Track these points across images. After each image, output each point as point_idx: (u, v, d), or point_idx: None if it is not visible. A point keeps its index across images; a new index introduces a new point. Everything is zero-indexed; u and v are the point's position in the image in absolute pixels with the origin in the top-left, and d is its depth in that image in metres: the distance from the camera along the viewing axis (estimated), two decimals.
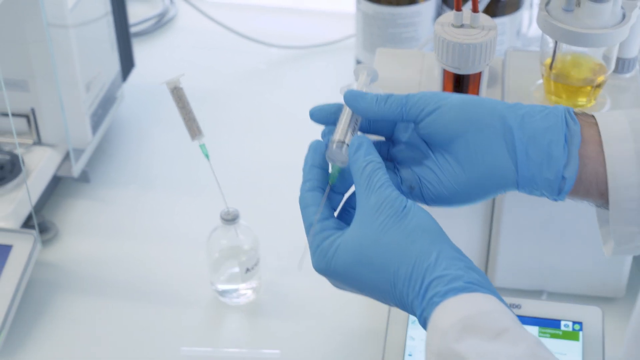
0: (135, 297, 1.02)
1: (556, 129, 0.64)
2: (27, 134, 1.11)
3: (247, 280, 0.99)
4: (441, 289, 0.60)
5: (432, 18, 1.23)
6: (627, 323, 0.96)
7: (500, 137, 0.65)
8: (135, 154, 1.23)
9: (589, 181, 0.65)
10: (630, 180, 0.63)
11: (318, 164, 0.67)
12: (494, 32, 0.87)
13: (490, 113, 0.65)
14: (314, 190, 0.66)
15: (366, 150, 0.65)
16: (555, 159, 0.64)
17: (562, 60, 0.93)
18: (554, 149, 0.64)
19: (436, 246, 0.62)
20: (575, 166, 0.64)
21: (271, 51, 1.40)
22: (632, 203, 0.64)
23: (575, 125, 0.64)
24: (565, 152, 0.64)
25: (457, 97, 0.66)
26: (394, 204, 0.63)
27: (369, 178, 0.64)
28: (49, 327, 0.98)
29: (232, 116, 1.29)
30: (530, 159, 0.64)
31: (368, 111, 0.68)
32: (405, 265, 0.61)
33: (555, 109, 0.65)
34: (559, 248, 0.96)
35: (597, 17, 0.87)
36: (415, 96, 0.67)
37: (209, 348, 0.95)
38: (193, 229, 1.09)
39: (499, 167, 0.65)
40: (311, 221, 0.65)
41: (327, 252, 0.64)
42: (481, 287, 0.60)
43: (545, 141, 0.64)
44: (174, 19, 1.49)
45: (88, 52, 1.11)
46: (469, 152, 0.65)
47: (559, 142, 0.64)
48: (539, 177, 0.65)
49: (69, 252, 1.07)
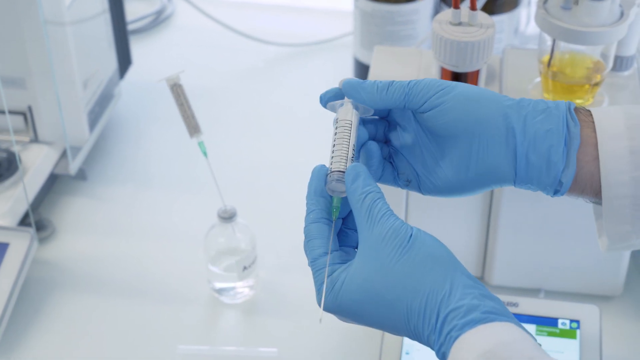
0: (132, 295, 1.02)
1: (557, 132, 0.64)
2: (24, 132, 1.11)
3: (244, 278, 0.99)
4: (458, 322, 0.57)
5: (430, 16, 1.23)
6: (624, 321, 0.97)
7: (502, 139, 0.64)
8: (132, 152, 1.22)
9: (584, 182, 0.64)
10: (622, 177, 0.63)
11: (321, 192, 0.64)
12: (492, 30, 0.87)
13: (494, 113, 0.64)
14: (318, 222, 0.63)
15: (364, 180, 0.63)
16: (554, 164, 0.64)
17: (560, 59, 0.93)
18: (554, 155, 0.63)
19: (448, 275, 0.59)
20: (572, 170, 0.64)
21: (269, 49, 1.40)
22: (624, 200, 0.63)
23: (576, 127, 0.64)
24: (564, 157, 0.64)
25: (461, 91, 0.65)
26: (399, 234, 0.60)
27: (369, 209, 0.61)
28: (46, 324, 0.98)
29: (229, 114, 1.29)
30: (529, 163, 0.64)
31: (368, 100, 0.66)
32: (418, 299, 0.59)
33: (557, 109, 0.65)
34: (557, 246, 0.96)
35: (595, 15, 0.87)
36: (418, 85, 0.66)
37: (206, 346, 0.95)
38: (191, 227, 1.09)
39: (498, 168, 0.65)
40: (315, 255, 0.63)
41: (332, 288, 0.61)
42: (498, 314, 0.58)
43: (546, 146, 0.64)
44: (172, 16, 1.49)
45: (85, 50, 1.11)
46: (470, 151, 0.65)
47: (558, 147, 0.63)
48: (537, 179, 0.65)
49: (66, 250, 1.07)
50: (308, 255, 0.63)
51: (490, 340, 0.56)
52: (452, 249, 0.99)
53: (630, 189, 0.63)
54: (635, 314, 0.98)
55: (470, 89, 0.65)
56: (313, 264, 0.63)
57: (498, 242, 0.97)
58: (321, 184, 0.64)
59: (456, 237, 0.99)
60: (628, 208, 0.64)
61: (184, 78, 0.93)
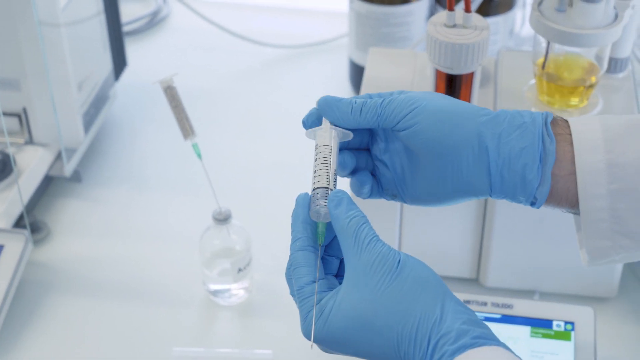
0: (127, 297, 1.01)
1: (531, 150, 0.64)
2: (18, 134, 1.11)
3: (240, 280, 0.99)
4: (449, 348, 0.57)
5: (425, 17, 1.23)
6: (619, 323, 0.97)
7: (476, 157, 0.64)
8: (127, 154, 1.22)
9: (560, 196, 0.65)
10: (599, 191, 0.63)
11: (306, 219, 0.64)
12: (486, 32, 0.87)
13: (467, 132, 0.64)
14: (305, 250, 0.63)
15: (347, 205, 0.62)
16: (529, 181, 0.64)
17: (555, 61, 0.93)
18: (528, 173, 0.64)
19: (439, 300, 0.59)
20: (547, 187, 0.64)
21: (265, 50, 1.40)
22: (601, 213, 0.63)
23: (552, 144, 0.64)
24: (539, 175, 0.64)
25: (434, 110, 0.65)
26: (388, 259, 0.60)
27: (355, 235, 0.61)
28: (41, 327, 0.98)
29: (225, 115, 1.29)
30: (504, 181, 0.64)
31: (342, 121, 0.66)
32: (409, 325, 0.58)
33: (533, 124, 0.64)
34: (551, 248, 0.96)
35: (589, 17, 0.87)
36: (390, 105, 0.66)
37: (201, 348, 0.95)
38: (186, 229, 1.09)
39: (473, 184, 0.65)
40: (301, 283, 0.62)
41: (320, 316, 0.61)
42: (487, 339, 0.58)
43: (520, 164, 0.64)
44: (167, 18, 1.49)
45: (80, 51, 1.11)
46: (445, 168, 0.65)
47: (533, 165, 0.63)
48: (512, 194, 0.65)
49: (61, 252, 1.07)
50: (294, 283, 0.63)
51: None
52: (447, 252, 0.99)
53: (608, 202, 0.63)
54: (629, 315, 0.98)
55: (444, 107, 0.65)
56: (299, 292, 0.62)
57: (493, 244, 0.97)
58: (305, 211, 0.64)
59: (451, 240, 0.99)
60: (606, 222, 0.64)
61: (180, 79, 0.93)
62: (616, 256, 0.65)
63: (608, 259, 0.66)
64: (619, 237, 0.64)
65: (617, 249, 0.65)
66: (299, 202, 0.65)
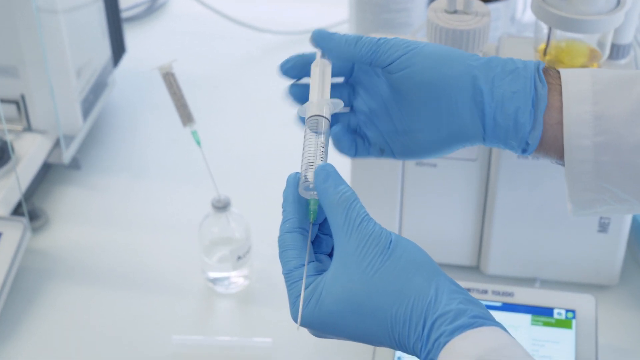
0: (127, 285, 1.01)
1: (524, 94, 0.64)
2: (17, 121, 1.10)
3: (239, 268, 0.98)
4: (446, 328, 0.56)
5: (426, 3, 1.22)
6: (620, 311, 0.96)
7: (470, 99, 0.64)
8: (126, 141, 1.22)
9: (549, 145, 0.65)
10: (584, 142, 0.63)
11: (297, 199, 0.62)
12: (487, 18, 0.86)
13: (462, 74, 0.64)
14: (293, 232, 0.61)
15: (335, 180, 0.60)
16: (521, 125, 0.64)
17: (557, 47, 0.92)
18: (521, 116, 0.64)
19: (433, 281, 0.57)
20: (538, 132, 0.64)
21: (264, 37, 1.39)
22: (586, 165, 0.63)
23: (543, 89, 0.64)
24: (531, 119, 0.64)
25: (430, 52, 0.65)
26: (380, 240, 0.58)
27: (345, 213, 0.59)
28: (39, 315, 0.98)
29: (225, 102, 1.28)
30: (497, 124, 0.64)
31: (336, 51, 0.66)
32: (403, 307, 0.57)
33: (525, 69, 0.65)
34: (552, 236, 0.96)
35: (591, 3, 0.86)
36: (387, 43, 0.65)
37: (200, 336, 0.95)
38: (186, 217, 1.08)
39: (467, 127, 0.65)
40: (290, 267, 0.60)
41: (309, 301, 0.58)
42: (486, 319, 0.57)
43: (513, 107, 0.64)
44: (166, 4, 1.48)
45: (78, 38, 1.10)
46: (439, 112, 0.65)
47: (525, 109, 0.64)
48: (504, 139, 0.65)
49: (59, 239, 1.07)
50: (283, 266, 0.61)
51: (480, 346, 0.55)
52: (448, 239, 0.99)
53: (592, 154, 0.63)
54: (631, 303, 0.97)
55: (439, 49, 0.65)
56: (287, 276, 0.60)
57: (494, 231, 0.96)
58: (296, 191, 0.62)
59: (452, 227, 0.98)
60: (590, 174, 0.63)
61: (179, 66, 0.92)
62: (599, 208, 0.66)
63: (592, 210, 0.66)
64: (603, 190, 0.64)
65: (601, 201, 0.65)
66: (289, 181, 0.63)
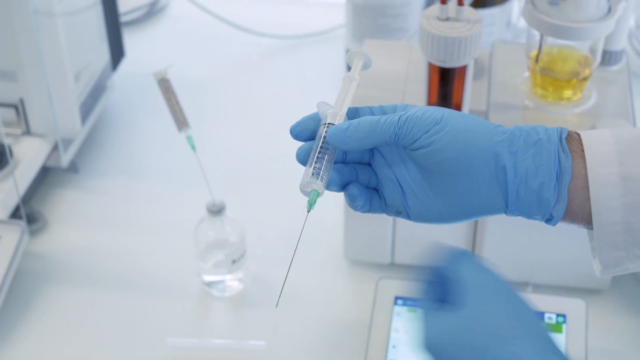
0: (123, 288, 1.02)
1: (548, 168, 0.62)
2: (15, 124, 1.11)
3: (234, 271, 0.99)
4: None
5: (422, 9, 1.23)
6: (611, 315, 0.97)
7: (493, 176, 0.63)
8: (125, 144, 1.23)
9: (575, 213, 0.63)
10: (613, 204, 0.62)
11: None
12: (479, 25, 0.87)
13: (485, 151, 0.63)
14: None
15: None
16: (546, 200, 0.63)
17: (548, 53, 0.93)
18: (545, 192, 0.62)
19: None
20: (563, 205, 0.63)
21: (262, 41, 1.40)
22: (616, 227, 0.62)
23: (567, 161, 0.62)
24: (555, 193, 0.62)
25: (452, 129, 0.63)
26: None
27: None
28: (37, 317, 0.99)
29: (222, 106, 1.29)
30: (520, 199, 0.63)
31: (356, 145, 0.64)
32: None
33: (549, 142, 0.63)
34: (544, 241, 0.97)
35: (582, 10, 0.87)
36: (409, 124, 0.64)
37: (195, 339, 0.96)
38: (182, 220, 1.09)
39: (488, 203, 0.64)
40: None
41: None
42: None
43: (537, 183, 0.62)
44: (165, 8, 1.49)
45: (77, 42, 1.11)
46: (461, 188, 0.64)
47: (550, 184, 0.62)
48: (527, 213, 0.64)
49: (58, 242, 1.08)
50: None
51: None
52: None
53: (622, 216, 0.62)
54: (621, 308, 0.98)
55: (462, 125, 0.64)
56: None
57: (486, 236, 0.97)
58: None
59: (444, 231, 0.99)
60: (620, 235, 0.62)
61: (177, 70, 0.93)
62: (630, 265, 0.64)
63: (621, 268, 0.65)
64: (633, 248, 0.63)
65: (632, 258, 0.64)
66: None
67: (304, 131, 0.66)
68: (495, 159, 0.63)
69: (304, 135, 0.66)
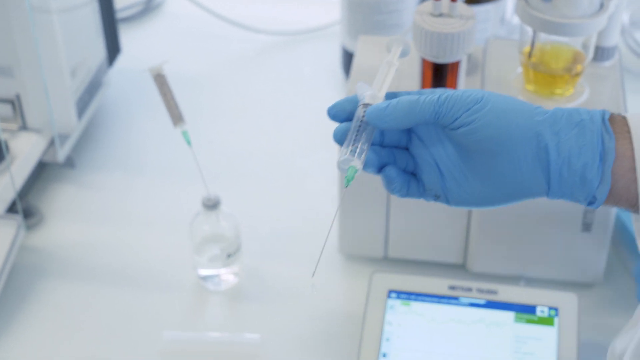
0: (119, 283, 1.03)
1: (591, 148, 0.62)
2: (12, 120, 1.12)
3: (229, 265, 1.00)
4: None
5: (417, 5, 1.23)
6: (603, 309, 0.98)
7: (535, 156, 0.62)
8: (121, 140, 1.23)
9: (620, 195, 0.63)
10: None
11: None
12: (472, 21, 0.87)
13: (526, 130, 0.63)
14: None
15: None
16: (589, 181, 0.62)
17: (541, 49, 0.94)
18: (588, 172, 0.62)
19: None
20: (607, 186, 0.62)
21: (258, 37, 1.41)
22: None
23: (611, 141, 0.62)
24: (599, 174, 0.62)
25: (493, 107, 0.63)
26: None
27: None
28: (33, 312, 0.99)
29: (218, 102, 1.30)
30: (563, 180, 0.63)
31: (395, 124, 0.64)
32: None
33: (591, 122, 0.63)
34: (537, 234, 0.97)
35: (575, 6, 0.88)
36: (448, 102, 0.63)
37: (190, 332, 0.96)
38: (178, 215, 1.10)
39: (530, 184, 0.63)
40: None
41: None
42: None
43: (580, 163, 0.62)
44: (162, 4, 1.49)
45: (73, 38, 1.12)
46: (502, 168, 0.63)
47: (593, 164, 0.62)
48: (570, 194, 0.63)
49: (54, 237, 1.08)
50: None
51: None
52: (435, 237, 1.01)
53: None
54: (614, 301, 0.99)
55: (502, 104, 0.63)
56: None
57: (480, 229, 0.98)
58: None
59: (438, 225, 1.00)
60: None
61: (173, 66, 0.93)
62: None
63: None
64: None
65: None
66: None
67: (341, 112, 0.66)
68: (537, 139, 0.62)
69: (340, 117, 0.66)
